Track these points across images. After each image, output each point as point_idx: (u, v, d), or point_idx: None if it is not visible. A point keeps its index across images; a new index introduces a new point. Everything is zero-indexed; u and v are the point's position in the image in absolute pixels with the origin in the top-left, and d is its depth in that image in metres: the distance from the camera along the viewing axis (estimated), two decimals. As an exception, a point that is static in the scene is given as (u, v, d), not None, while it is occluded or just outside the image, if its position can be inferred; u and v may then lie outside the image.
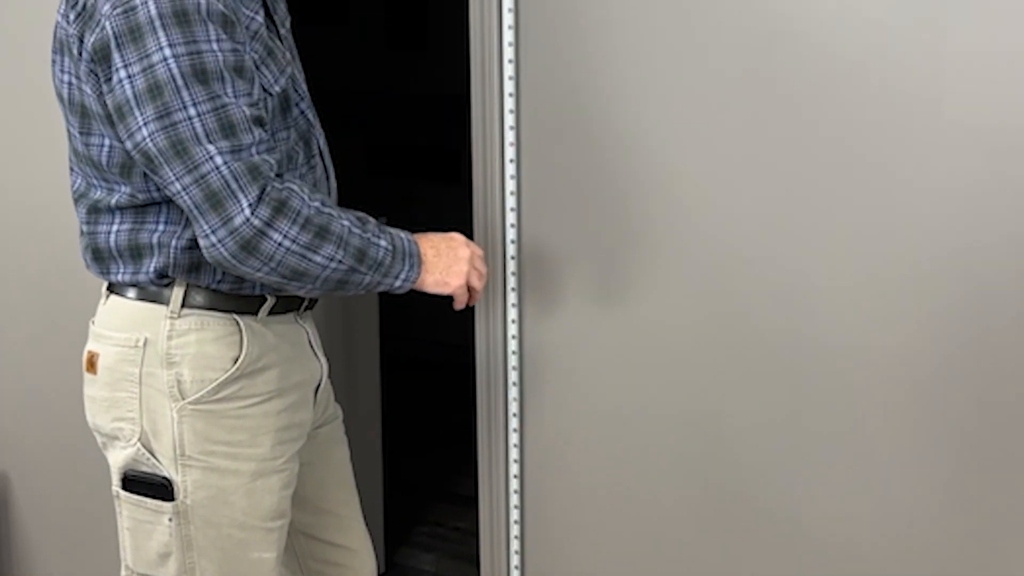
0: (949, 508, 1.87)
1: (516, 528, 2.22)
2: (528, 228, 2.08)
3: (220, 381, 1.75)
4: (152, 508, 1.78)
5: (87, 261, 1.81)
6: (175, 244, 1.72)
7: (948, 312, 1.80)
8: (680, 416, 2.04)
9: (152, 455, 1.76)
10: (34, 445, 2.77)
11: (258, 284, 1.76)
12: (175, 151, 1.57)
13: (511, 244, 2.09)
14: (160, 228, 1.72)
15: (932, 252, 1.79)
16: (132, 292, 1.77)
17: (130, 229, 1.73)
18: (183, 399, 1.74)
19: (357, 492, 2.12)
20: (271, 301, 1.80)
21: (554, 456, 2.17)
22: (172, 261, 1.72)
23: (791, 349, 1.92)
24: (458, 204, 2.83)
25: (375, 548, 2.15)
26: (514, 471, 2.19)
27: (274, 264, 1.61)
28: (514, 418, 2.17)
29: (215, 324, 1.76)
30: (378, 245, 1.70)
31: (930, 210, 1.78)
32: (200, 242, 1.61)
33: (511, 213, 2.07)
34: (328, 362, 1.97)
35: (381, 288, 1.74)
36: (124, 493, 1.80)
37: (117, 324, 1.78)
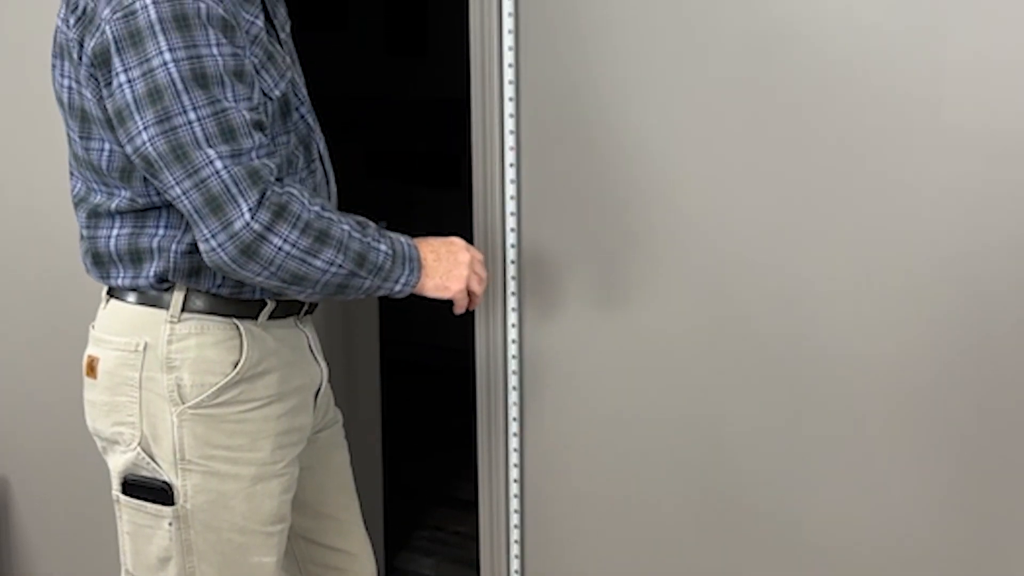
0: (948, 513, 1.87)
1: (516, 532, 2.22)
2: (528, 232, 2.08)
3: (220, 385, 1.75)
4: (152, 512, 1.78)
5: (87, 265, 1.81)
6: (175, 248, 1.72)
7: (948, 317, 1.80)
8: (680, 421, 2.04)
9: (152, 459, 1.76)
10: (34, 449, 2.77)
11: (258, 288, 1.76)
12: (175, 155, 1.57)
13: (511, 248, 2.09)
14: (160, 232, 1.72)
15: (932, 257, 1.79)
16: (132, 296, 1.77)
17: (130, 233, 1.73)
18: (183, 403, 1.73)
19: (357, 496, 2.12)
20: (271, 305, 1.80)
21: (554, 460, 2.17)
22: (172, 265, 1.72)
23: (791, 354, 1.92)
24: (458, 208, 2.83)
25: (375, 552, 2.15)
26: (514, 475, 2.19)
27: (274, 268, 1.61)
28: (514, 422, 2.17)
29: (215, 328, 1.76)
30: (378, 249, 1.70)
31: (930, 215, 1.78)
32: (200, 246, 1.61)
33: (511, 217, 2.07)
34: (328, 366, 1.97)
35: (381, 292, 1.74)
36: (124, 497, 1.80)
37: (117, 328, 1.78)
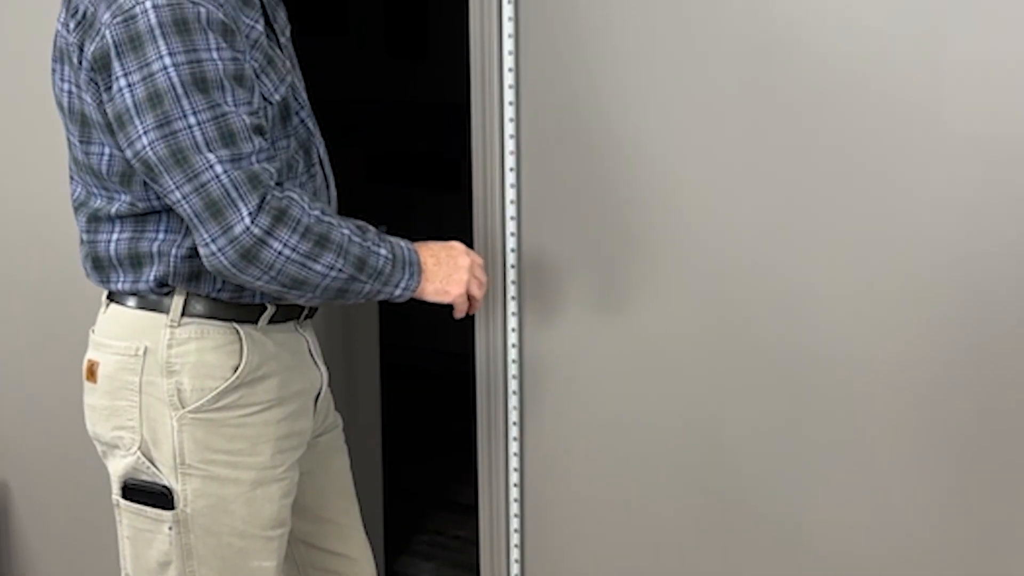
0: (949, 517, 1.86)
1: (516, 537, 2.22)
2: (528, 236, 2.08)
3: (220, 390, 1.75)
4: (152, 517, 1.78)
5: (87, 270, 1.81)
6: (175, 253, 1.72)
7: (948, 320, 1.80)
8: (680, 424, 2.03)
9: (152, 464, 1.76)
10: (34, 454, 2.77)
11: (258, 293, 1.76)
12: (175, 160, 1.57)
13: (511, 252, 2.08)
14: (160, 237, 1.72)
15: (932, 261, 1.79)
16: (132, 301, 1.77)
17: (130, 238, 1.73)
18: (183, 408, 1.73)
19: (357, 501, 2.12)
20: (271, 310, 1.80)
21: (554, 464, 2.16)
22: (172, 270, 1.72)
23: (790, 357, 1.92)
24: (458, 212, 2.83)
25: (375, 557, 2.15)
26: (514, 479, 2.19)
27: (274, 273, 1.61)
28: (514, 426, 2.17)
29: (215, 333, 1.76)
30: (378, 254, 1.70)
31: (930, 219, 1.78)
32: (200, 251, 1.61)
33: (511, 221, 2.07)
34: (328, 370, 1.97)
35: (381, 297, 1.74)
36: (124, 502, 1.80)
37: (117, 333, 1.78)
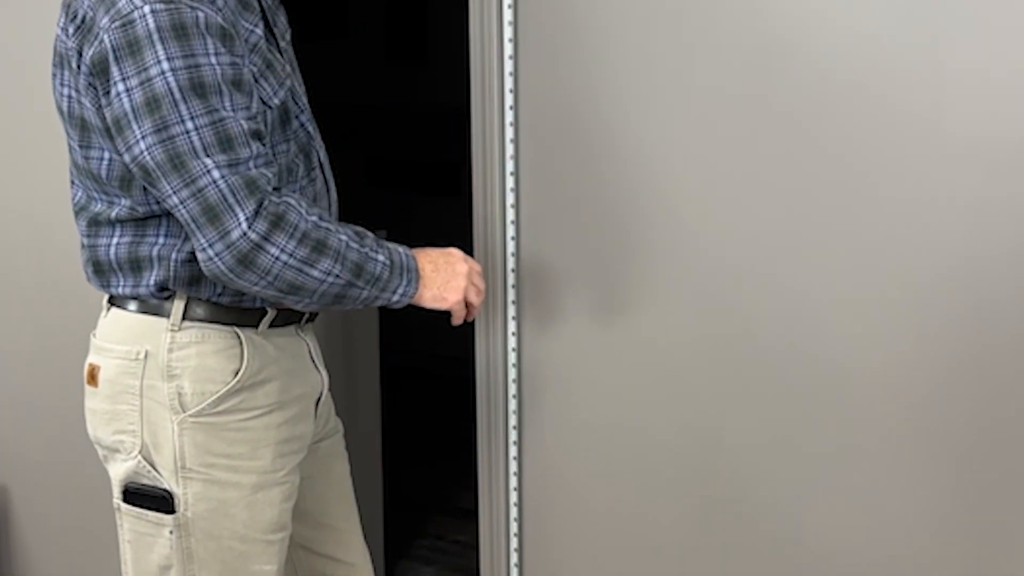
0: (948, 523, 1.86)
1: (515, 541, 2.22)
2: (527, 242, 2.08)
3: (221, 394, 1.75)
4: (153, 521, 1.78)
5: (88, 274, 1.81)
6: (175, 257, 1.72)
7: (947, 327, 1.80)
8: (679, 430, 2.03)
9: (153, 467, 1.76)
10: (35, 457, 2.77)
11: (258, 297, 1.77)
12: (172, 165, 1.57)
13: (511, 257, 2.09)
14: (160, 241, 1.73)
15: (932, 267, 1.79)
16: (133, 305, 1.77)
17: (130, 242, 1.74)
18: (184, 411, 1.74)
19: (357, 506, 2.12)
20: (272, 314, 1.80)
21: (553, 469, 2.17)
22: (172, 274, 1.73)
23: (790, 364, 1.92)
24: (458, 217, 2.83)
25: (375, 562, 2.15)
26: (513, 484, 2.19)
27: (271, 278, 1.61)
28: (514, 431, 2.17)
29: (216, 337, 1.76)
30: (376, 260, 1.70)
31: (929, 224, 1.78)
32: (198, 255, 1.61)
33: (511, 226, 2.07)
34: (329, 374, 1.97)
35: (379, 303, 1.74)
36: (125, 506, 1.80)
37: (118, 337, 1.78)
